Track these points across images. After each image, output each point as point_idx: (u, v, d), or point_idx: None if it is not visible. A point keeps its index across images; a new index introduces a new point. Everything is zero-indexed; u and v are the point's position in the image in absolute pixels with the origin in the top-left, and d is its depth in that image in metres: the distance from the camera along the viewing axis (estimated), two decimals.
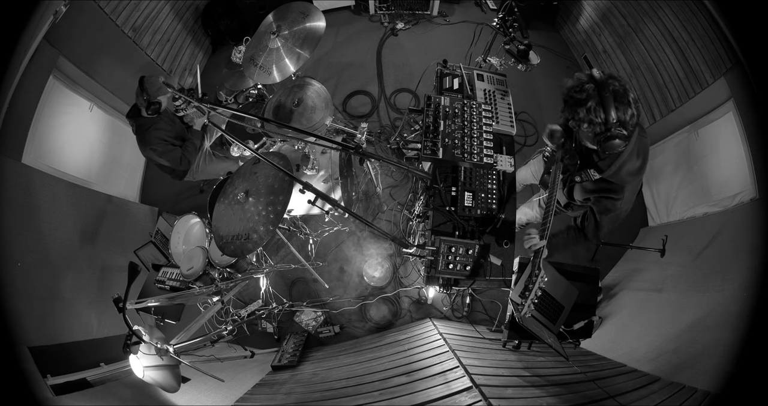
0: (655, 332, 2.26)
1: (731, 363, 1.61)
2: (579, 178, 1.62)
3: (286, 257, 3.08)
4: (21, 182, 2.28)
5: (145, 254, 2.94)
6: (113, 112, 3.12)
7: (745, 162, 2.34)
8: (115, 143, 3.13)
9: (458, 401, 1.46)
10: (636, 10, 3.17)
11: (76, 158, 2.81)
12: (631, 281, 2.82)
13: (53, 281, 2.35)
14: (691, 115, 2.83)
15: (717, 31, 2.50)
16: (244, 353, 2.29)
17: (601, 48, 3.63)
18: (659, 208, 3.09)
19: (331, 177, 2.38)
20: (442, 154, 1.79)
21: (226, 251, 1.79)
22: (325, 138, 1.60)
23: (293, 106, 2.44)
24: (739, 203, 2.38)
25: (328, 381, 2.12)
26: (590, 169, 1.57)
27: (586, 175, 1.58)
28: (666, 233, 2.46)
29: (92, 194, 2.85)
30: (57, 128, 2.64)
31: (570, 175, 1.67)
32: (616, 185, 1.54)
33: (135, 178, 3.42)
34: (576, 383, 1.79)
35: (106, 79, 2.98)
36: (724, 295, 2.04)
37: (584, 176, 1.59)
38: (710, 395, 1.55)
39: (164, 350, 1.58)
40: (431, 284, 1.87)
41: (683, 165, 2.89)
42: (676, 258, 2.48)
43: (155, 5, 3.32)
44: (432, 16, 4.24)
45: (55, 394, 1.74)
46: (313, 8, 2.49)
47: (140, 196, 3.42)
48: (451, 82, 2.24)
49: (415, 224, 2.68)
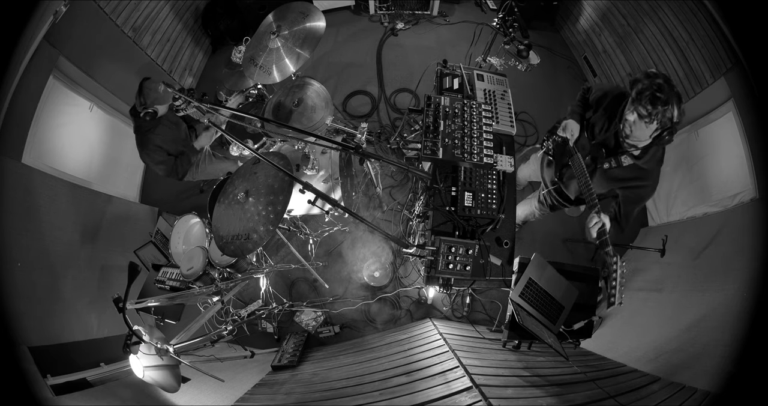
0: (655, 332, 2.26)
1: (731, 363, 1.61)
2: (608, 164, 1.68)
3: (286, 257, 3.08)
4: (21, 182, 2.28)
5: (145, 254, 2.94)
6: (113, 112, 3.12)
7: (745, 162, 2.34)
8: (115, 143, 3.13)
9: (458, 401, 1.46)
10: (636, 10, 3.17)
11: (76, 158, 2.81)
12: (631, 281, 2.82)
13: (53, 281, 2.35)
14: (691, 115, 2.83)
15: (717, 31, 2.50)
16: (244, 353, 2.29)
17: (601, 48, 3.63)
18: (659, 208, 3.09)
19: (331, 177, 2.38)
20: (442, 154, 1.79)
21: (226, 251, 1.79)
22: (325, 138, 1.60)
23: (293, 106, 2.44)
24: (739, 203, 2.38)
25: (328, 381, 2.12)
26: (620, 155, 1.64)
27: (616, 161, 1.65)
28: (666, 233, 2.46)
29: (92, 194, 2.85)
30: (57, 128, 2.64)
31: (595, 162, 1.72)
32: (647, 171, 1.62)
33: (135, 178, 3.41)
34: (576, 383, 1.79)
35: (106, 79, 2.98)
36: (724, 295, 2.04)
37: (613, 163, 1.66)
38: (710, 395, 1.55)
39: (164, 350, 1.58)
40: (431, 284, 1.87)
41: (683, 165, 2.89)
42: (676, 258, 2.48)
43: (155, 5, 3.32)
44: (432, 16, 4.24)
45: (55, 394, 1.74)
46: (313, 8, 2.49)
47: (140, 196, 3.42)
48: (451, 82, 2.24)
49: (415, 224, 2.68)
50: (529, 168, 2.43)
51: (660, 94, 1.41)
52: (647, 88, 1.43)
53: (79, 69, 2.75)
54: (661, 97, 1.41)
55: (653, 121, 1.44)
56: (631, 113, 1.49)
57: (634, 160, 1.63)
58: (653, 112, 1.43)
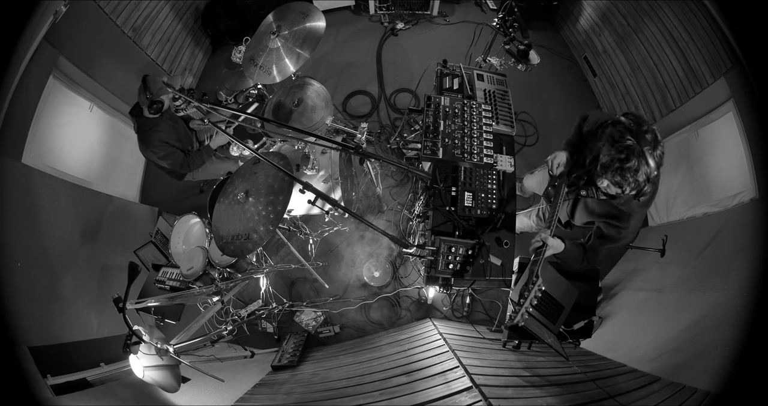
0: (655, 332, 2.26)
1: (731, 363, 1.61)
2: (585, 192, 1.58)
3: (286, 257, 3.08)
4: (21, 182, 2.28)
5: (145, 254, 2.94)
6: (113, 112, 3.12)
7: (745, 162, 2.33)
8: (115, 143, 3.13)
9: (458, 401, 1.46)
10: (636, 10, 3.17)
11: (76, 158, 2.81)
12: (631, 281, 2.82)
13: (53, 281, 2.35)
14: (691, 115, 2.83)
15: (717, 31, 2.50)
16: (244, 353, 2.29)
17: (601, 48, 3.63)
18: (659, 208, 3.08)
19: (331, 177, 2.38)
20: (442, 154, 1.79)
21: (226, 251, 1.79)
22: (325, 138, 1.60)
23: (293, 106, 2.44)
24: (739, 203, 2.38)
25: (328, 381, 2.12)
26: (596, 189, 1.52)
27: (592, 192, 1.54)
28: (666, 233, 2.46)
29: (92, 194, 2.85)
30: (57, 128, 2.64)
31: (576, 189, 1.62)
32: (623, 213, 1.52)
33: (135, 178, 3.41)
34: (576, 383, 1.79)
35: (106, 79, 2.98)
36: (724, 295, 2.04)
37: (590, 192, 1.56)
38: (710, 395, 1.55)
39: (164, 350, 1.58)
40: (431, 284, 1.87)
41: (683, 165, 2.89)
42: (676, 258, 2.48)
43: (155, 5, 3.32)
44: (432, 16, 4.24)
45: (55, 394, 1.74)
46: (313, 8, 2.49)
47: (140, 196, 3.42)
48: (451, 82, 2.24)
49: (415, 224, 2.68)
50: (535, 179, 2.42)
51: (628, 163, 1.28)
52: (614, 159, 1.30)
53: (79, 69, 2.75)
54: (630, 166, 1.28)
55: (626, 188, 1.35)
56: (602, 181, 1.38)
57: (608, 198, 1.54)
58: (624, 183, 1.32)
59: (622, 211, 1.53)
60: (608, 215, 1.57)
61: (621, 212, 1.53)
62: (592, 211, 1.64)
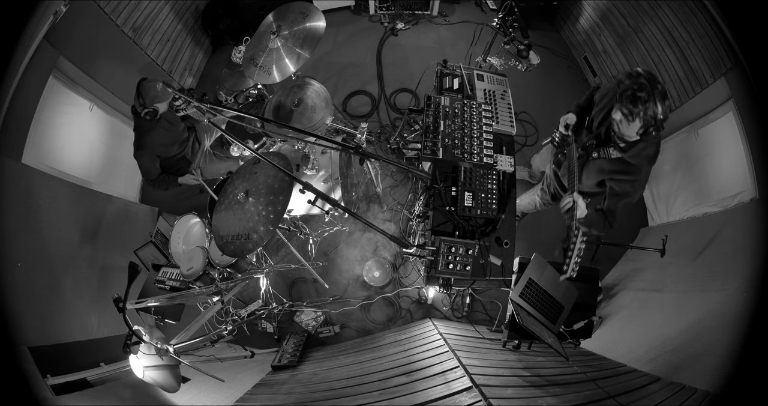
0: (655, 332, 2.26)
1: (731, 363, 1.61)
2: (596, 154, 1.76)
3: (286, 257, 3.08)
4: (21, 182, 2.28)
5: (145, 254, 2.94)
6: (113, 112, 3.11)
7: (745, 162, 2.34)
8: (115, 143, 3.13)
9: (458, 401, 1.46)
10: (636, 10, 3.17)
11: (76, 158, 2.81)
12: (631, 281, 2.82)
13: (53, 281, 2.35)
14: (691, 115, 2.83)
15: (717, 31, 2.50)
16: (244, 353, 2.29)
17: (601, 48, 3.63)
18: (659, 208, 3.09)
19: (331, 177, 2.38)
20: (442, 154, 1.80)
21: (226, 251, 1.79)
22: (325, 138, 1.60)
23: (293, 106, 2.44)
24: (739, 203, 2.38)
25: (328, 381, 2.12)
26: (609, 147, 1.71)
27: (604, 152, 1.73)
28: (666, 233, 2.46)
29: (92, 194, 2.85)
30: (57, 128, 2.64)
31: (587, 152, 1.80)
32: (633, 166, 1.68)
33: (135, 179, 3.41)
34: (576, 383, 1.79)
35: (106, 79, 2.97)
36: (724, 295, 2.04)
37: (602, 153, 1.75)
38: (710, 395, 1.55)
39: (164, 350, 1.58)
40: (431, 284, 1.87)
41: (683, 165, 2.89)
42: (676, 258, 2.48)
43: (155, 5, 3.32)
44: (432, 16, 4.24)
45: (55, 394, 1.74)
46: (313, 8, 2.49)
47: (140, 196, 3.42)
48: (451, 82, 2.24)
49: (415, 224, 2.68)
50: (541, 157, 2.54)
51: (641, 93, 1.47)
52: (628, 88, 1.49)
53: (79, 69, 2.74)
54: (642, 96, 1.47)
55: (635, 119, 1.51)
56: (616, 112, 1.55)
57: (621, 154, 1.69)
58: (635, 111, 1.49)
59: (631, 163, 1.68)
60: (619, 171, 1.72)
61: (630, 166, 1.68)
62: (602, 169, 1.78)
